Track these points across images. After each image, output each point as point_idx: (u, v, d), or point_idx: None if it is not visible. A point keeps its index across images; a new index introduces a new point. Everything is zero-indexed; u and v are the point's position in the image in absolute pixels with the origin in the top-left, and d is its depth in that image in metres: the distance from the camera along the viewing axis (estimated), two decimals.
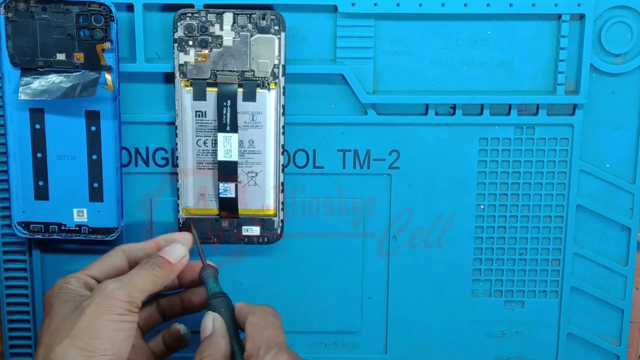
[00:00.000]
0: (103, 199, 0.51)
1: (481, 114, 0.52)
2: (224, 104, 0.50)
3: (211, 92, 0.50)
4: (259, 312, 0.44)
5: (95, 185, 0.51)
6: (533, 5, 0.50)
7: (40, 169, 0.51)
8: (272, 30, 0.49)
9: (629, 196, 0.53)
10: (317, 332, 0.55)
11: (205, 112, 0.50)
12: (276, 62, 0.50)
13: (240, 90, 0.50)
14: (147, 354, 0.48)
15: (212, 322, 0.44)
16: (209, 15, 0.49)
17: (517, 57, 0.51)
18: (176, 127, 0.51)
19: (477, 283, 0.55)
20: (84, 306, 0.41)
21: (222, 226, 0.52)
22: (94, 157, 0.51)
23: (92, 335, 0.40)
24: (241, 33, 0.49)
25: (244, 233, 0.52)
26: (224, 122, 0.50)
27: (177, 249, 0.46)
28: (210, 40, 0.49)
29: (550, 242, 0.54)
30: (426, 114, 0.52)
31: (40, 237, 0.52)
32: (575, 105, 0.52)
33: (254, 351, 0.42)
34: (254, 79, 0.50)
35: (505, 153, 0.53)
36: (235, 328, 0.45)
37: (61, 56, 0.49)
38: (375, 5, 0.50)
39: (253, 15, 0.49)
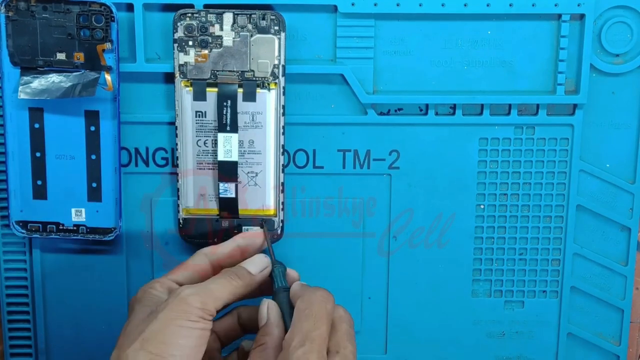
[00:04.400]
0: (101, 199, 0.51)
1: (481, 114, 0.52)
2: (224, 104, 0.49)
3: (211, 92, 0.50)
4: (306, 296, 0.43)
5: (94, 185, 0.51)
6: (533, 5, 0.50)
7: (38, 168, 0.51)
8: (272, 31, 0.49)
9: (629, 196, 0.53)
10: None
11: (205, 112, 0.50)
12: (276, 62, 0.50)
13: (240, 90, 0.50)
14: None
15: (267, 311, 0.44)
16: (208, 15, 0.49)
17: (517, 57, 0.51)
18: (176, 127, 0.50)
19: (477, 283, 0.55)
20: (158, 310, 0.41)
21: (222, 226, 0.52)
22: (93, 157, 0.51)
23: (162, 340, 0.39)
24: (241, 33, 0.49)
25: None
26: (224, 122, 0.50)
27: (260, 260, 0.47)
28: (210, 41, 0.49)
29: (550, 242, 0.54)
30: (426, 114, 0.52)
31: (38, 236, 0.52)
32: (575, 105, 0.52)
33: (289, 341, 0.40)
34: (254, 79, 0.50)
35: (505, 153, 0.53)
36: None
37: (61, 56, 0.49)
38: (375, 5, 0.50)
39: (253, 16, 0.49)
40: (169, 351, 0.39)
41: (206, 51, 0.49)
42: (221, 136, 0.50)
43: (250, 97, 0.50)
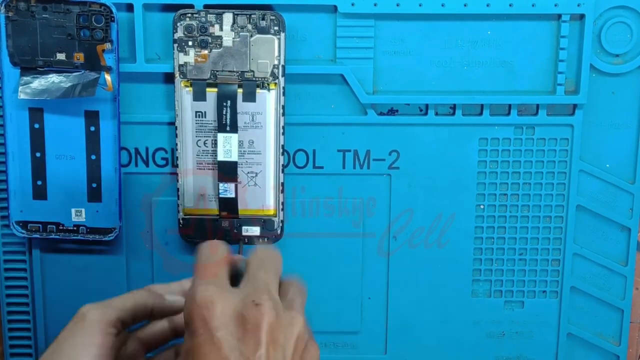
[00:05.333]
0: (101, 199, 0.51)
1: (481, 114, 0.52)
2: (224, 104, 0.49)
3: (211, 93, 0.50)
4: (254, 253, 0.39)
5: (94, 185, 0.51)
6: (533, 5, 0.50)
7: (38, 169, 0.51)
8: (272, 31, 0.49)
9: (629, 196, 0.53)
10: (317, 332, 0.54)
11: (205, 112, 0.50)
12: (276, 62, 0.50)
13: (240, 90, 0.50)
14: None
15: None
16: (208, 15, 0.49)
17: (517, 57, 0.51)
18: (176, 127, 0.50)
19: (477, 283, 0.55)
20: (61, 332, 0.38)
21: (222, 226, 0.52)
22: (93, 157, 0.51)
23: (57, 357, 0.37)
24: (241, 33, 0.49)
25: (244, 233, 0.52)
26: (224, 122, 0.50)
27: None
28: (210, 41, 0.49)
29: (550, 242, 0.54)
30: (426, 114, 0.52)
31: (38, 236, 0.52)
32: (575, 106, 0.52)
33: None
34: (254, 79, 0.50)
35: (505, 153, 0.53)
36: None
37: (61, 56, 0.49)
38: (375, 5, 0.50)
39: (253, 16, 0.49)
40: None
41: (206, 51, 0.49)
42: (221, 136, 0.50)
43: (250, 97, 0.50)
